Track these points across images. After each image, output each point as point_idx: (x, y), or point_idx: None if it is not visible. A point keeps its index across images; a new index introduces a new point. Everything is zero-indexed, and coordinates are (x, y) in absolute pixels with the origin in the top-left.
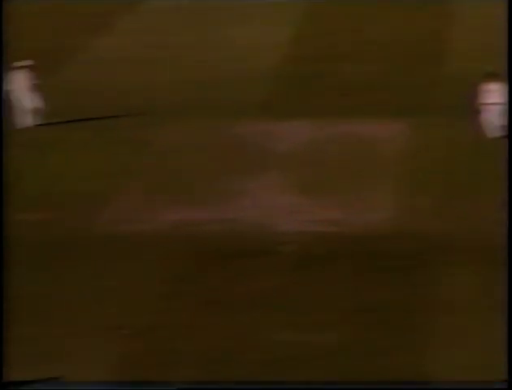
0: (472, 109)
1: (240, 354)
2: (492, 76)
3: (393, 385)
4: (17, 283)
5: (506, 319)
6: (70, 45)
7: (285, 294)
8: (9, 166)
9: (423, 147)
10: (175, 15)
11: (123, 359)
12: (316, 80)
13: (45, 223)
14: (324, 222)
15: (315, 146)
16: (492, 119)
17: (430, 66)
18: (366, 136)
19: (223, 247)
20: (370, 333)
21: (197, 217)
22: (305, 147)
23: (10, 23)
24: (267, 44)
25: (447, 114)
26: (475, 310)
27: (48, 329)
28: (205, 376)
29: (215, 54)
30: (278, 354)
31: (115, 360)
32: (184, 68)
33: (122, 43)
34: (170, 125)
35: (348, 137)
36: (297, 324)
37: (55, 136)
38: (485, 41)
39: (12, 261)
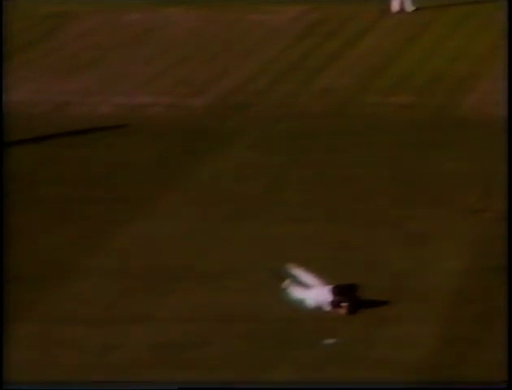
0: None
1: None
2: None
3: (393, 385)
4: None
5: (506, 319)
6: None
7: None
8: (378, 51)
9: None
10: None
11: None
12: None
13: (409, 105)
14: None
15: None
16: None
17: None
18: None
19: None
20: None
21: None
22: None
23: None
24: None
25: None
26: None
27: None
28: None
29: None
30: None
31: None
32: None
33: None
34: None
35: None
36: None
37: (426, 18)
38: None
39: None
